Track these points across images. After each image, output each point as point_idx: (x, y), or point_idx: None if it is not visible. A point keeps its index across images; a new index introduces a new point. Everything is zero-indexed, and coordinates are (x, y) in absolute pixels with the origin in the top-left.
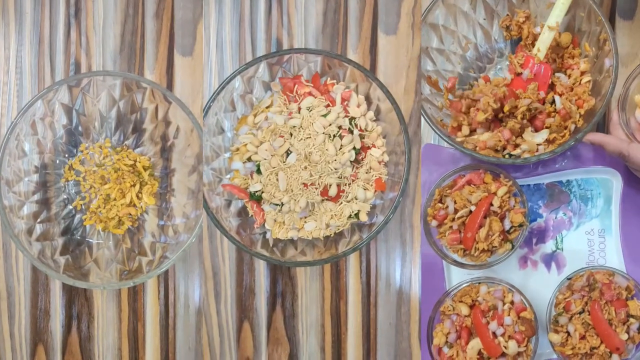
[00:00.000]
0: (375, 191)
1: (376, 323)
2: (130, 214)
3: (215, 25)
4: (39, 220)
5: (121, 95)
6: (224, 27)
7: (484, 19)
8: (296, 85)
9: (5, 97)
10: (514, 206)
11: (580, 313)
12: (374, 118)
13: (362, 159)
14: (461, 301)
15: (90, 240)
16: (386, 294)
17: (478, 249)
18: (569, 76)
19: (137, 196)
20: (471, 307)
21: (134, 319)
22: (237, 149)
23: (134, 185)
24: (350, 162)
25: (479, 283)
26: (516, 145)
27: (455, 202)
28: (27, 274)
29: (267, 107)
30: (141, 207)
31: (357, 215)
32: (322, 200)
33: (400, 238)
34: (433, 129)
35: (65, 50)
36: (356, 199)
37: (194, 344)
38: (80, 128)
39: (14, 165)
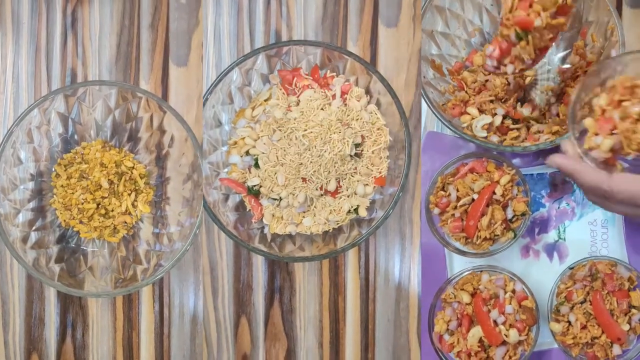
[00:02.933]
0: (375, 186)
1: (374, 318)
2: (125, 222)
3: (213, 16)
4: (34, 228)
5: (117, 104)
6: (221, 18)
7: (491, 5)
8: (295, 78)
9: (2, 106)
10: (517, 195)
11: (581, 303)
12: (374, 112)
13: (362, 153)
14: (463, 289)
15: (85, 249)
16: (385, 289)
17: (480, 237)
18: (572, 63)
19: (133, 204)
20: (472, 295)
21: (128, 327)
22: (235, 143)
23: (129, 194)
24: (350, 156)
25: (481, 271)
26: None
27: (457, 190)
28: (21, 282)
29: (265, 100)
30: (136, 215)
31: (356, 210)
32: (321, 195)
33: (400, 233)
34: (435, 114)
35: (61, 59)
36: (355, 194)
37: (189, 353)
38: (76, 136)
39: (9, 173)
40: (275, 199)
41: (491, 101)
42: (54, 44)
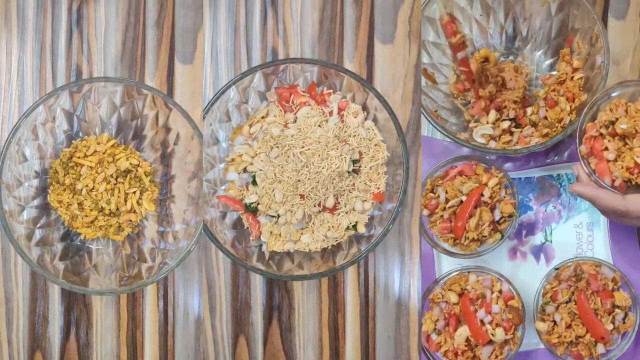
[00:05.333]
0: (373, 202)
1: (375, 336)
2: (130, 220)
3: (210, 34)
4: (38, 225)
5: (122, 101)
6: (218, 36)
7: (480, 15)
8: (292, 95)
9: (7, 102)
10: (505, 197)
11: (566, 302)
12: (371, 128)
13: (360, 170)
14: (450, 289)
15: (90, 246)
16: (385, 306)
17: (468, 238)
18: (559, 71)
19: (138, 202)
20: (460, 295)
21: (132, 325)
22: (232, 160)
23: (134, 192)
24: (348, 172)
25: (468, 272)
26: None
27: (446, 192)
28: (25, 279)
29: (262, 117)
30: (141, 213)
31: (354, 226)
32: (319, 211)
33: (399, 249)
34: (428, 120)
35: (66, 56)
36: (354, 210)
37: (193, 352)
38: (80, 134)
39: (14, 170)
40: (273, 216)
41: (514, 102)
42: (59, 41)
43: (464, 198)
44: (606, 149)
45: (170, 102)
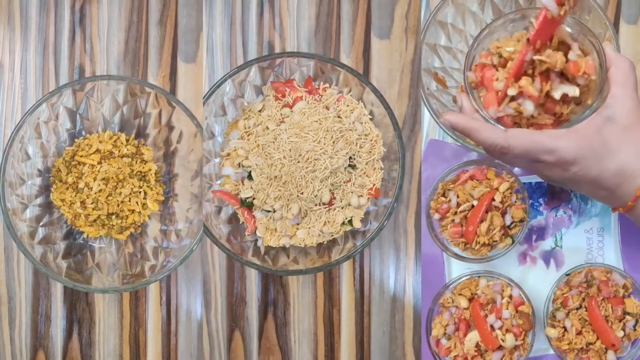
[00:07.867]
0: (369, 197)
1: (370, 331)
2: (133, 220)
3: (206, 28)
4: (41, 223)
5: (125, 100)
6: (214, 30)
7: (492, 20)
8: (288, 89)
9: (10, 101)
10: (515, 202)
11: (577, 309)
12: (368, 123)
13: (356, 165)
14: (460, 294)
15: (93, 245)
16: (380, 301)
17: (479, 242)
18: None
19: (143, 205)
20: (470, 300)
21: (135, 324)
22: (228, 154)
23: (139, 192)
24: (344, 167)
25: (479, 276)
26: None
27: (457, 196)
28: (28, 278)
29: (258, 112)
30: (145, 213)
31: (350, 222)
32: (315, 206)
33: (394, 244)
34: (438, 124)
35: (69, 55)
36: (349, 205)
37: (196, 351)
38: (83, 132)
39: (17, 168)
40: (268, 211)
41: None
42: (62, 40)
43: (475, 202)
44: (497, 79)
45: (173, 99)
